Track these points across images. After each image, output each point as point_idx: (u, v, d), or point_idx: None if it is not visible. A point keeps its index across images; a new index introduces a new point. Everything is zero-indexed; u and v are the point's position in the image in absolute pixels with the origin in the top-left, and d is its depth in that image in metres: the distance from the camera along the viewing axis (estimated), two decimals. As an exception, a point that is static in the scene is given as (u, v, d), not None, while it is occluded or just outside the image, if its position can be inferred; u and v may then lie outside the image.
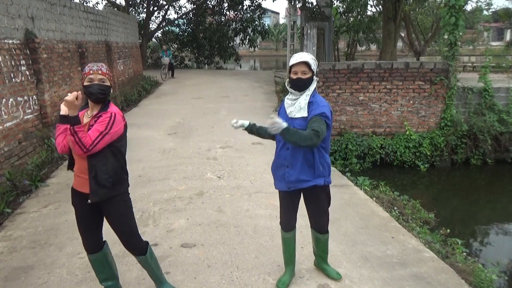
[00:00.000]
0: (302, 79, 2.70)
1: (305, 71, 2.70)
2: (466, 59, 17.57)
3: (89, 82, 2.46)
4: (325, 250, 3.21)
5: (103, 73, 2.48)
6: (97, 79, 2.46)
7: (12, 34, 6.15)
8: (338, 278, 3.21)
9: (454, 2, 8.50)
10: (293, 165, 2.81)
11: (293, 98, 2.81)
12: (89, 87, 2.46)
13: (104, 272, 2.82)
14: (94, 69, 2.47)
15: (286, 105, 2.85)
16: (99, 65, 2.51)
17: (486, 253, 5.77)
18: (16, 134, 6.04)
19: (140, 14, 25.45)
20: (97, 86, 2.46)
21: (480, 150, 9.26)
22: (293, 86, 2.76)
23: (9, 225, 4.35)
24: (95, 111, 2.54)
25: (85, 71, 2.48)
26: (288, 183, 2.86)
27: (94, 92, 2.46)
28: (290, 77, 2.76)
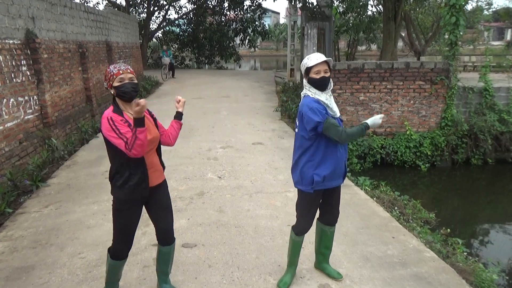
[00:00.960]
0: (326, 77, 2.75)
1: (327, 70, 2.76)
2: (467, 58, 17.56)
3: (120, 82, 2.47)
4: (328, 246, 3.20)
5: (131, 71, 2.54)
6: (127, 78, 2.49)
7: (13, 34, 6.16)
8: (339, 278, 3.21)
9: (455, 1, 8.50)
10: (346, 158, 2.98)
11: (328, 98, 2.81)
12: (121, 87, 2.47)
13: (118, 276, 2.87)
14: (123, 69, 2.49)
15: (331, 104, 2.81)
16: (125, 65, 2.56)
17: (487, 253, 5.77)
18: (17, 134, 6.05)
19: (140, 14, 25.47)
20: (130, 84, 2.49)
21: (481, 149, 9.26)
22: (319, 85, 2.76)
23: (10, 225, 4.35)
24: (130, 109, 2.53)
25: (112, 72, 2.48)
26: (344, 175, 2.98)
27: (128, 90, 2.49)
28: (311, 77, 2.75)
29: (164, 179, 2.78)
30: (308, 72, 2.77)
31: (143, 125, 2.33)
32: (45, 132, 6.94)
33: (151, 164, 2.62)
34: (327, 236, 3.15)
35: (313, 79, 2.76)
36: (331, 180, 2.88)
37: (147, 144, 2.41)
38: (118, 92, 2.49)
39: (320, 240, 3.20)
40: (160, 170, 2.73)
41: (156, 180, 2.67)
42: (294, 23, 16.96)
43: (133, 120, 2.33)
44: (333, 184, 2.91)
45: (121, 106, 2.55)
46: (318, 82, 2.75)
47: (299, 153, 2.88)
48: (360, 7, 13.41)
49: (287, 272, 3.20)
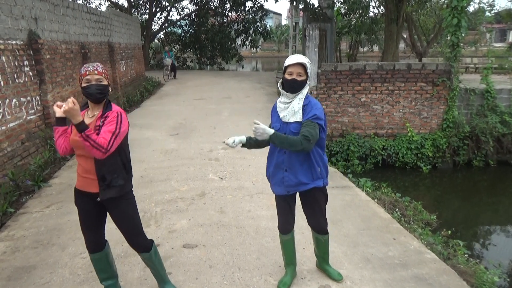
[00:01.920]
0: (297, 80, 2.67)
1: (301, 73, 2.67)
2: (469, 60, 17.55)
3: (86, 83, 2.46)
4: (326, 251, 3.21)
5: (99, 72, 2.48)
6: (94, 79, 2.46)
7: (15, 35, 6.19)
8: (339, 279, 3.21)
9: (457, 3, 8.50)
10: (292, 168, 2.78)
11: (285, 101, 2.76)
12: (87, 88, 2.46)
13: (105, 271, 2.84)
14: (90, 70, 2.46)
15: (279, 108, 2.80)
16: (94, 65, 2.51)
17: (488, 254, 5.76)
18: (19, 134, 6.07)
19: (142, 15, 25.54)
20: (95, 86, 2.46)
21: (482, 151, 9.25)
22: (287, 87, 2.72)
23: (12, 225, 4.37)
24: (97, 111, 2.55)
25: (81, 73, 2.49)
26: (288, 187, 2.82)
27: (93, 92, 2.46)
28: (284, 77, 2.73)
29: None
30: (284, 71, 2.74)
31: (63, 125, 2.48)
32: (47, 133, 6.96)
33: (85, 169, 2.53)
34: (322, 243, 3.14)
35: (284, 79, 2.73)
36: (273, 186, 2.93)
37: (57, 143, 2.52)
38: (84, 93, 2.49)
39: (317, 247, 3.21)
40: (90, 179, 2.53)
41: (91, 187, 2.54)
42: (296, 24, 17.00)
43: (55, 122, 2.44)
44: (275, 190, 2.92)
45: (90, 105, 2.57)
46: (287, 83, 2.71)
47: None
48: (362, 9, 13.41)
49: (286, 272, 3.20)
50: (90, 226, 2.69)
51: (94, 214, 2.65)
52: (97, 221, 2.70)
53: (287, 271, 3.21)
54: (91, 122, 2.52)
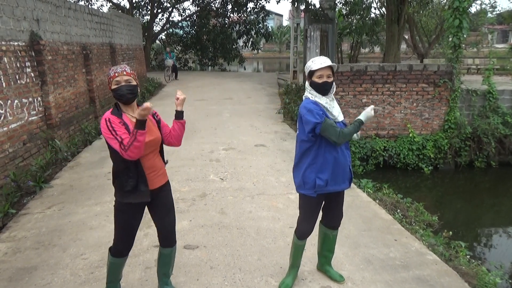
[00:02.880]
0: (329, 82, 2.74)
1: (330, 75, 2.75)
2: (470, 61, 17.54)
3: (116, 85, 2.49)
4: (331, 249, 3.20)
5: (128, 73, 2.53)
6: (123, 80, 2.50)
7: (17, 36, 6.21)
8: (341, 280, 3.20)
9: (458, 4, 8.49)
10: (350, 162, 2.95)
11: (328, 102, 2.81)
12: (117, 90, 2.49)
13: (118, 275, 2.89)
14: (119, 71, 2.50)
15: (330, 108, 2.81)
16: (122, 67, 2.55)
17: (490, 256, 5.74)
18: (20, 135, 6.08)
19: (144, 16, 25.59)
20: (125, 87, 2.50)
21: (484, 152, 9.23)
22: (320, 90, 2.76)
23: (13, 225, 4.37)
24: (135, 111, 2.57)
25: (110, 75, 2.52)
26: (350, 180, 2.95)
27: (124, 93, 2.50)
28: (313, 81, 2.76)
29: (167, 180, 2.77)
30: (311, 75, 2.77)
31: (144, 128, 2.35)
32: (49, 134, 6.97)
33: (152, 166, 2.62)
34: (330, 239, 3.14)
35: (315, 83, 2.76)
36: (334, 185, 2.86)
37: (143, 147, 2.41)
38: (114, 95, 2.52)
39: (323, 243, 3.19)
40: (163, 173, 2.73)
41: (158, 182, 2.67)
42: (297, 25, 16.99)
43: (135, 122, 2.37)
44: (336, 188, 2.88)
45: (121, 108, 2.58)
46: (320, 87, 2.75)
47: (299, 156, 2.87)
48: (363, 10, 13.40)
49: (288, 274, 3.19)
50: (135, 232, 2.71)
51: (140, 218, 2.71)
52: (138, 224, 2.73)
53: (290, 272, 3.20)
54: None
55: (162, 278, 2.99)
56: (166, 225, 2.78)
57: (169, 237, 2.82)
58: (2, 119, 5.59)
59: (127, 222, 2.64)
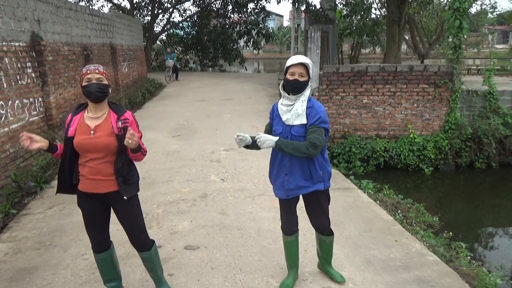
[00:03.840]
0: (299, 81, 2.63)
1: (303, 74, 2.63)
2: (471, 62, 17.52)
3: (87, 82, 2.49)
4: (329, 253, 3.19)
5: (100, 72, 2.52)
6: (94, 78, 2.49)
7: (18, 36, 6.21)
8: (341, 281, 3.20)
9: (459, 5, 8.49)
10: (292, 172, 2.77)
11: (287, 103, 2.72)
12: (87, 87, 2.48)
13: (109, 272, 2.86)
14: (91, 69, 2.50)
15: (281, 111, 2.75)
16: (95, 65, 2.56)
17: (490, 257, 5.74)
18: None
19: (144, 17, 25.62)
20: (96, 85, 2.49)
21: (485, 153, 9.22)
22: (289, 88, 2.69)
23: (14, 226, 4.38)
24: (101, 112, 2.58)
25: (82, 72, 2.53)
26: (287, 191, 2.82)
27: (93, 91, 2.48)
28: (285, 78, 2.70)
29: (117, 190, 2.60)
30: (286, 72, 2.71)
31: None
32: (50, 134, 6.98)
33: (94, 170, 2.54)
34: (326, 244, 3.12)
35: (286, 80, 2.70)
36: (275, 189, 2.94)
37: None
38: (84, 92, 2.51)
39: (320, 248, 3.18)
40: (108, 180, 2.57)
41: (100, 188, 2.58)
42: (298, 26, 17.01)
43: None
44: (277, 194, 2.92)
45: (88, 106, 2.61)
46: (288, 84, 2.68)
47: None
48: (363, 10, 13.42)
49: (289, 275, 3.19)
50: (97, 226, 2.72)
51: (100, 214, 2.69)
52: (103, 221, 2.74)
53: (289, 273, 3.20)
54: (101, 123, 2.55)
55: (154, 279, 3.01)
56: (128, 232, 2.76)
57: (136, 242, 2.79)
58: (3, 120, 5.59)
59: (83, 215, 2.70)
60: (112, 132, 2.53)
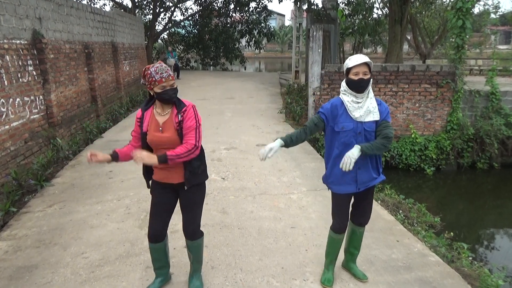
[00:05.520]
0: (365, 79, 2.73)
1: (366, 72, 2.73)
2: (473, 62, 17.48)
3: (162, 89, 2.59)
4: (357, 246, 3.22)
5: (172, 77, 2.64)
6: (169, 85, 2.60)
7: (19, 34, 6.20)
8: (364, 279, 3.22)
9: (462, 4, 8.45)
10: (365, 165, 2.87)
11: (357, 101, 2.79)
12: (164, 94, 2.60)
13: (161, 260, 3.02)
14: (165, 76, 2.58)
15: (352, 108, 2.79)
16: (167, 71, 2.61)
17: (492, 258, 5.71)
18: (22, 133, 6.08)
19: (146, 15, 25.57)
20: (171, 91, 2.62)
21: (487, 154, 9.19)
22: (355, 88, 2.75)
23: (14, 224, 4.37)
24: (168, 108, 2.72)
25: (155, 79, 2.56)
26: (360, 184, 2.90)
27: (170, 98, 2.63)
28: (349, 78, 2.76)
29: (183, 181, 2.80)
30: (347, 72, 2.79)
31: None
32: (50, 132, 6.97)
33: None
34: (356, 235, 3.17)
35: (350, 80, 2.77)
36: (341, 185, 2.91)
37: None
38: (158, 98, 2.64)
39: (350, 240, 3.22)
40: (178, 172, 2.75)
41: (172, 179, 2.77)
42: (300, 25, 16.97)
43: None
44: (345, 190, 2.91)
45: (157, 102, 2.72)
46: (354, 84, 2.75)
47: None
48: (365, 10, 13.38)
49: (329, 269, 3.24)
50: (163, 215, 2.87)
51: (169, 204, 2.87)
52: (168, 211, 2.90)
53: (329, 268, 3.24)
54: (167, 119, 2.69)
55: (192, 268, 3.11)
56: (184, 220, 2.92)
57: (186, 231, 2.93)
58: (4, 117, 5.58)
59: (152, 202, 2.86)
60: (174, 128, 2.68)
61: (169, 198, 2.85)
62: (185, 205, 2.87)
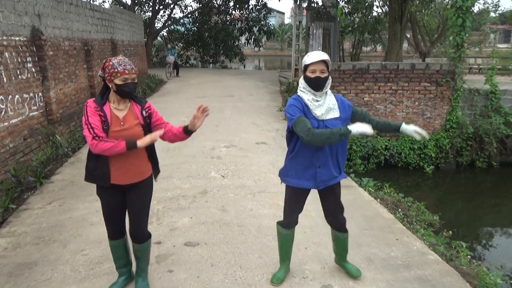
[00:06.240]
0: (321, 78, 2.66)
1: (324, 70, 2.66)
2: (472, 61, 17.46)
3: (123, 82, 2.53)
4: (345, 248, 3.21)
5: (135, 71, 2.60)
6: (131, 78, 2.56)
7: (18, 31, 6.18)
8: (358, 275, 3.21)
9: (462, 3, 8.45)
10: (326, 164, 2.80)
11: (316, 99, 2.73)
12: (124, 86, 2.54)
13: (122, 258, 2.98)
14: (129, 69, 2.53)
15: (312, 106, 2.72)
16: (130, 64, 2.58)
17: (491, 256, 5.73)
18: (21, 130, 6.06)
19: (145, 12, 25.53)
20: (132, 85, 2.58)
21: (486, 152, 9.21)
22: (312, 85, 2.69)
23: (14, 221, 4.36)
24: (124, 103, 2.67)
25: (117, 69, 2.50)
26: (319, 182, 2.83)
27: (130, 91, 2.58)
28: (306, 76, 2.70)
29: (143, 179, 2.76)
30: (305, 69, 2.72)
31: (130, 149, 2.51)
32: (50, 129, 6.96)
33: (124, 162, 2.62)
34: (341, 241, 3.15)
35: (307, 78, 2.71)
36: (300, 180, 2.85)
37: (109, 154, 2.52)
38: (118, 90, 2.56)
39: (336, 245, 3.21)
40: (137, 171, 2.70)
41: (128, 179, 2.68)
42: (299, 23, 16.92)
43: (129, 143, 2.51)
44: (303, 185, 2.85)
45: (110, 97, 2.63)
46: (311, 81, 2.68)
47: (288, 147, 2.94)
48: (365, 8, 13.37)
49: (281, 268, 3.21)
50: (119, 216, 2.84)
51: (121, 204, 2.80)
52: (122, 211, 2.85)
53: (281, 266, 3.21)
54: (127, 114, 2.66)
55: (138, 271, 3.04)
56: (133, 221, 2.82)
57: (135, 234, 2.85)
58: (3, 114, 5.57)
59: (103, 205, 2.79)
60: (138, 123, 2.66)
61: (119, 198, 2.77)
62: (134, 207, 2.78)
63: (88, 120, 2.50)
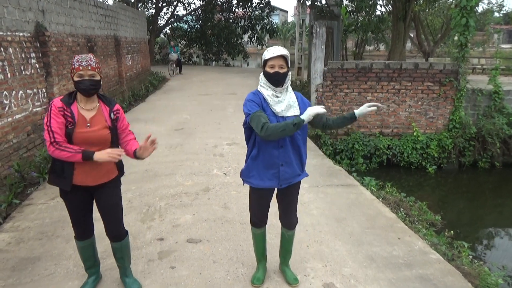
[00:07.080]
0: (280, 73, 2.60)
1: (282, 65, 2.60)
2: (476, 61, 17.43)
3: (79, 78, 2.46)
4: (288, 250, 3.13)
5: (93, 68, 2.48)
6: (87, 75, 2.46)
7: (22, 27, 6.19)
8: (294, 283, 3.09)
9: (466, 3, 8.42)
10: (289, 162, 2.76)
11: (276, 95, 2.68)
12: (80, 83, 2.46)
13: (91, 259, 2.95)
14: (84, 65, 2.45)
15: (272, 102, 2.65)
16: (87, 60, 2.48)
17: (492, 257, 5.73)
18: (25, 126, 6.09)
19: (149, 9, 25.52)
20: (88, 82, 2.47)
21: (488, 153, 9.19)
22: (271, 81, 2.65)
23: (17, 216, 4.38)
24: (92, 103, 2.59)
25: (73, 66, 2.46)
26: (282, 181, 2.78)
27: (86, 88, 2.48)
28: (265, 71, 2.66)
29: (109, 179, 2.72)
30: (264, 64, 2.68)
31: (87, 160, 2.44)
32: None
33: (89, 164, 2.53)
34: (285, 239, 3.08)
35: (266, 73, 2.66)
36: (263, 180, 2.79)
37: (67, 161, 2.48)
38: (76, 87, 2.51)
39: (280, 243, 3.15)
40: (102, 172, 2.65)
41: (93, 180, 2.63)
42: (303, 21, 16.92)
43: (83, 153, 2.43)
44: (266, 185, 2.79)
45: (78, 96, 2.57)
46: (270, 77, 2.63)
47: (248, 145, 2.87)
48: (369, 7, 13.33)
49: (258, 268, 3.17)
50: (85, 217, 2.80)
51: (85, 202, 2.74)
52: (89, 211, 2.81)
53: (259, 266, 3.17)
54: (95, 115, 2.58)
55: (120, 269, 3.04)
56: (108, 222, 2.79)
57: (110, 233, 2.83)
58: (6, 110, 5.59)
59: (68, 207, 2.75)
60: (106, 125, 2.58)
61: (86, 199, 2.73)
62: (107, 207, 2.74)
63: (49, 122, 2.44)
